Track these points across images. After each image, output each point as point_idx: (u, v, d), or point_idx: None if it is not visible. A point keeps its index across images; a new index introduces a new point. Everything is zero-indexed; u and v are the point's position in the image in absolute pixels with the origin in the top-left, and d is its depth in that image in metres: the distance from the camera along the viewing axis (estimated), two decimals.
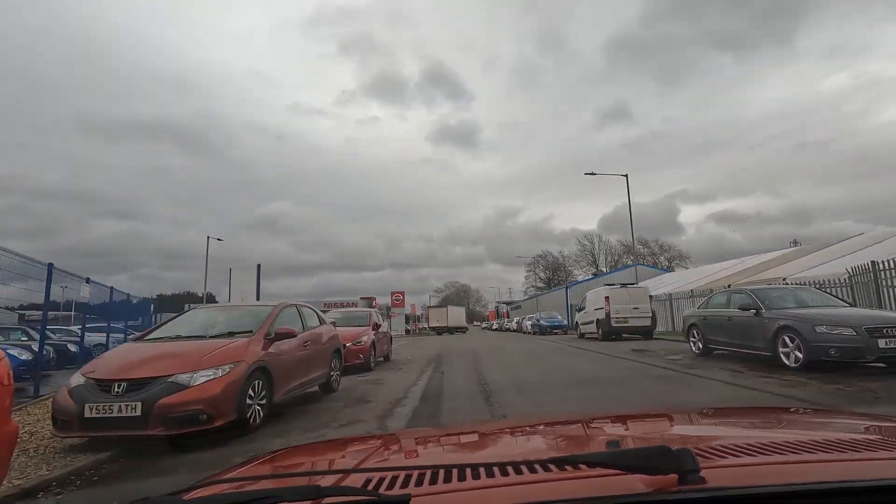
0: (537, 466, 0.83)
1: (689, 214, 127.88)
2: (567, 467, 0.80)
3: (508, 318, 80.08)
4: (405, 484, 0.85)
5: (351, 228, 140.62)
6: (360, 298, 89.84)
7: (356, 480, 0.92)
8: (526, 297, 70.10)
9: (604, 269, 74.00)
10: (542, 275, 79.74)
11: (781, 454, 0.90)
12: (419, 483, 0.84)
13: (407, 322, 69.20)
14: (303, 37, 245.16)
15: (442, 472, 0.88)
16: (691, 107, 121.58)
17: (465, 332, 56.92)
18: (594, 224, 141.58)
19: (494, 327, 64.09)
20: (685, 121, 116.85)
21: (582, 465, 0.78)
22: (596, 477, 0.76)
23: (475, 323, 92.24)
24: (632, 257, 76.57)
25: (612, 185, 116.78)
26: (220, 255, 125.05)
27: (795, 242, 35.27)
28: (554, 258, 78.61)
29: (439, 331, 56.84)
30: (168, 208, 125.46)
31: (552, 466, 0.82)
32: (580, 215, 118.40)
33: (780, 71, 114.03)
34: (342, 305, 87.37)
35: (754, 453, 0.90)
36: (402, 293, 57.66)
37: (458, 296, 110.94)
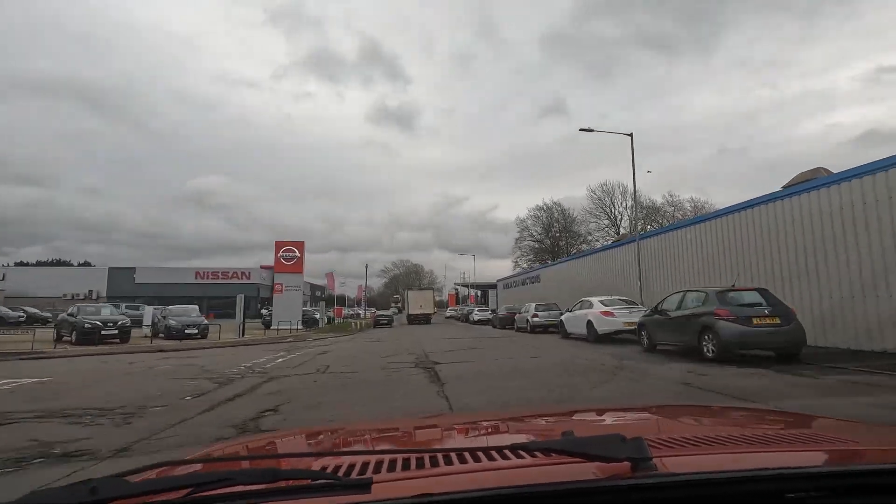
0: (495, 454, 0.85)
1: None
2: (525, 454, 0.83)
3: (477, 303, 56.34)
4: (363, 471, 0.84)
5: (291, 208, 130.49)
6: (261, 267, 59.83)
7: (315, 465, 0.91)
8: (543, 265, 38.50)
9: (623, 233, 48.70)
10: (539, 236, 52.80)
11: (727, 445, 0.99)
12: (377, 471, 0.83)
13: (316, 303, 41.25)
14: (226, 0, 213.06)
15: (401, 458, 0.88)
16: (624, 106, 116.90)
17: (428, 321, 39.98)
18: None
19: (477, 318, 36.11)
20: (618, 120, 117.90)
21: (539, 453, 0.79)
22: (552, 464, 0.77)
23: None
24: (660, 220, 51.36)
25: (553, 178, 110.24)
26: (146, 230, 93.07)
27: None
28: (562, 212, 51.86)
29: (414, 319, 39.88)
30: (84, 176, 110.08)
31: (510, 454, 0.84)
32: (523, 206, 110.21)
33: (705, 79, 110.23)
34: (224, 277, 56.96)
35: (703, 444, 0.98)
36: (300, 245, 28.89)
37: (409, 277, 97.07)
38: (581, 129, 17.28)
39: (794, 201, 11.52)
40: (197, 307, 21.56)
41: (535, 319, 19.86)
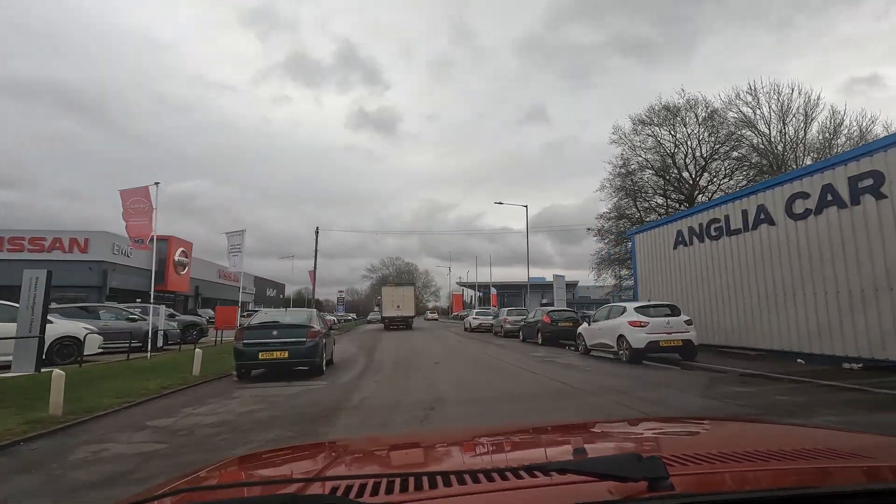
0: (509, 474, 0.83)
1: None
2: (538, 474, 0.81)
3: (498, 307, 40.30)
4: (375, 492, 0.81)
5: (276, 213, 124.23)
6: (130, 238, 33.05)
7: (323, 488, 0.89)
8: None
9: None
10: (657, 163, 27.01)
11: (744, 462, 0.95)
12: (389, 491, 0.81)
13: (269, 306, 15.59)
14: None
15: (412, 479, 0.84)
16: (604, 114, 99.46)
17: (409, 327, 31.22)
18: (522, 224, 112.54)
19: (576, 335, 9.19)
20: (599, 128, 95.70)
21: (553, 473, 0.77)
22: (567, 484, 0.76)
23: (429, 315, 61.33)
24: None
25: (541, 186, 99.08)
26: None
27: None
28: (710, 114, 26.14)
29: (390, 323, 31.48)
30: (63, 179, 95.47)
31: (524, 473, 0.82)
32: (510, 214, 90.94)
33: (684, 87, 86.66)
34: (36, 248, 29.70)
35: (720, 461, 0.94)
36: None
37: (400, 277, 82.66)
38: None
39: None
40: None
41: None
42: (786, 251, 10.25)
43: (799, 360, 9.58)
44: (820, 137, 25.91)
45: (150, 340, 12.63)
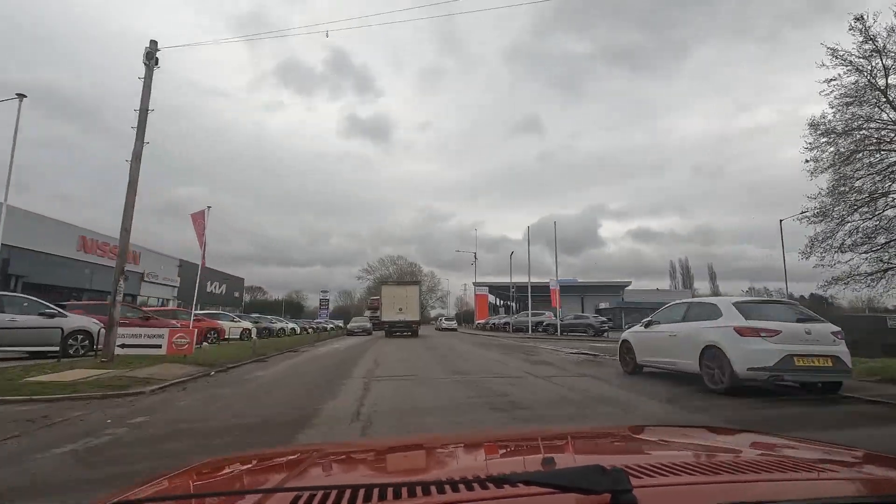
0: (475, 485, 0.83)
1: (608, 229, 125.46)
2: (504, 486, 0.81)
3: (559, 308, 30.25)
4: (338, 502, 0.81)
5: (272, 220, 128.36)
6: None
7: (282, 500, 0.86)
8: None
9: None
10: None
11: (709, 474, 0.94)
12: (353, 501, 0.80)
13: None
14: (185, 3, 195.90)
15: (376, 490, 0.84)
16: (597, 125, 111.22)
17: (415, 334, 28.70)
18: (520, 234, 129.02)
19: None
20: (592, 139, 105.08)
21: (519, 484, 0.78)
22: (531, 496, 0.76)
23: (444, 323, 50.61)
24: None
25: (539, 195, 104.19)
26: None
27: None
28: None
29: (392, 328, 28.74)
30: (58, 184, 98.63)
31: (489, 485, 0.83)
32: (508, 223, 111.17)
33: (677, 100, 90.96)
34: None
35: (684, 473, 0.92)
36: None
37: (402, 279, 71.60)
38: None
39: None
40: None
41: None
42: None
43: None
44: None
45: None
